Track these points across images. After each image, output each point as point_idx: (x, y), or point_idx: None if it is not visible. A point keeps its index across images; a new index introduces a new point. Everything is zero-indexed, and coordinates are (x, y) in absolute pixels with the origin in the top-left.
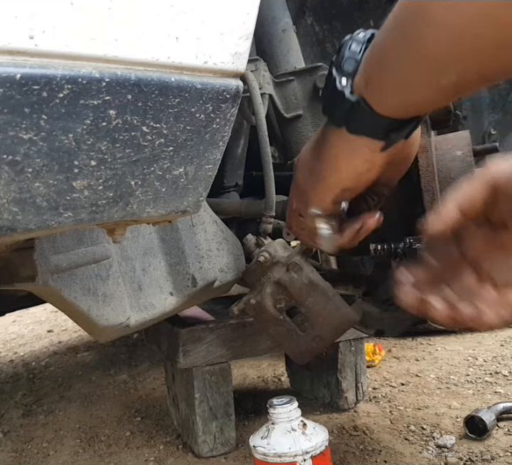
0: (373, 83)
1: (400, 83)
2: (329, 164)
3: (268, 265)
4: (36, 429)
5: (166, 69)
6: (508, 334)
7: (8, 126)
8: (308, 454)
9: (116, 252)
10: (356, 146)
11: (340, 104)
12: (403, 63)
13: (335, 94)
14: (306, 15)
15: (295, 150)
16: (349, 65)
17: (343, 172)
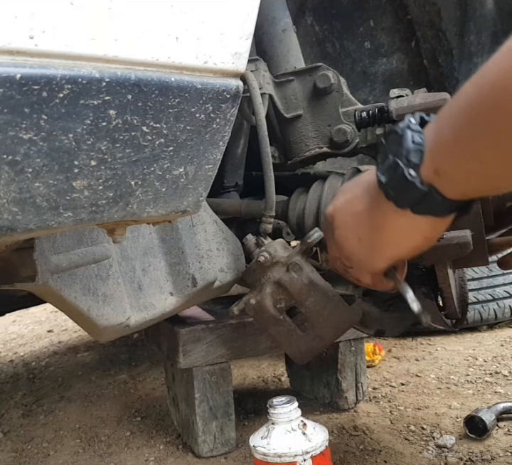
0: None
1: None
2: (387, 239)
3: (268, 265)
4: (36, 429)
5: (166, 69)
6: (508, 334)
7: (8, 126)
8: (308, 454)
9: (116, 252)
10: (419, 225)
11: (410, 192)
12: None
13: (404, 184)
14: (306, 15)
15: (295, 150)
16: (415, 157)
17: (401, 247)
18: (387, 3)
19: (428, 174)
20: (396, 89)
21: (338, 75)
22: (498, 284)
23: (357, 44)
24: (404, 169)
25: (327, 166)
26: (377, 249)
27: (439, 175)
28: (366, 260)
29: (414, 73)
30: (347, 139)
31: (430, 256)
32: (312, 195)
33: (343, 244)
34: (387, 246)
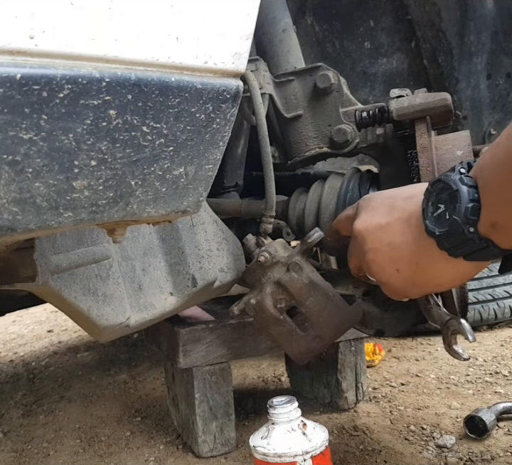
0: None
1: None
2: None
3: (268, 265)
4: (36, 429)
5: (166, 69)
6: (508, 334)
7: (8, 126)
8: (308, 454)
9: (116, 252)
10: (465, 270)
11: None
12: None
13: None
14: (306, 15)
15: (295, 150)
16: (473, 214)
17: (443, 286)
18: (387, 3)
19: (485, 229)
20: (396, 89)
21: (338, 74)
22: (498, 284)
23: (357, 44)
24: (464, 227)
25: (327, 166)
26: (417, 284)
27: (495, 228)
28: (402, 289)
29: (414, 73)
30: (347, 138)
31: None
32: (312, 195)
33: (375, 269)
34: (429, 285)
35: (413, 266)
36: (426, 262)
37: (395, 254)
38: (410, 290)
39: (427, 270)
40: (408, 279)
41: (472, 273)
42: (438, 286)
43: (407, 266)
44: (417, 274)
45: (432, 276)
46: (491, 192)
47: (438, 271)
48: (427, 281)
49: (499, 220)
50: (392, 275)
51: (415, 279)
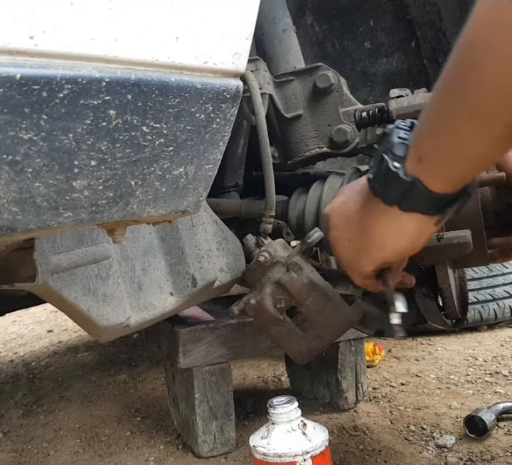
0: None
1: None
2: (374, 241)
3: (268, 265)
4: (36, 429)
5: (166, 69)
6: (508, 334)
7: (8, 126)
8: (308, 454)
9: (116, 252)
10: (407, 224)
11: (395, 185)
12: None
13: (388, 176)
14: (306, 15)
15: (295, 150)
16: (400, 150)
17: (387, 250)
18: (387, 3)
19: (412, 165)
20: (396, 89)
21: (338, 75)
22: (498, 284)
23: (357, 44)
24: (389, 162)
25: (327, 166)
26: (364, 250)
27: (422, 162)
28: (354, 262)
29: (414, 73)
30: (347, 139)
31: (430, 256)
32: (312, 195)
33: (335, 245)
34: (374, 248)
35: (360, 231)
36: (370, 223)
37: (348, 225)
38: (360, 261)
39: (370, 232)
40: (357, 245)
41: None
42: (382, 251)
43: (356, 233)
44: (363, 239)
45: (376, 237)
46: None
47: (380, 231)
48: (372, 244)
49: (426, 153)
50: (345, 247)
51: (362, 245)
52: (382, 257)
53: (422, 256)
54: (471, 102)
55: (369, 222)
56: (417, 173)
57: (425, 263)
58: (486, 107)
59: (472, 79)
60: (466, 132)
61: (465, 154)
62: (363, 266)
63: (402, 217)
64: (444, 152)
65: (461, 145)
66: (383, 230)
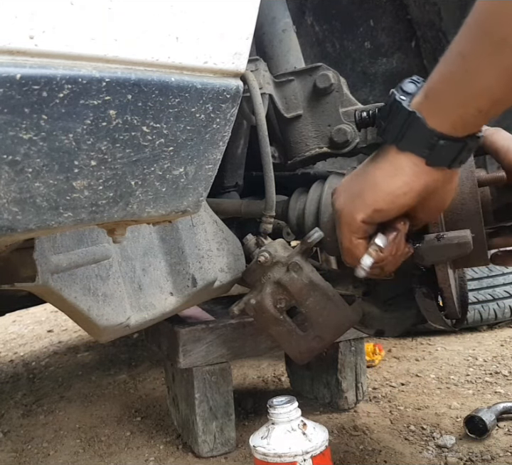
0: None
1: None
2: (369, 182)
3: (268, 265)
4: (36, 429)
5: (166, 69)
6: (508, 334)
7: (8, 126)
8: (308, 454)
9: (116, 252)
10: (400, 165)
11: (396, 116)
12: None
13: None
14: (306, 15)
15: (295, 150)
16: (408, 88)
17: (380, 191)
18: (387, 3)
19: (417, 100)
20: None
21: (338, 75)
22: (498, 284)
23: (357, 44)
24: (396, 94)
25: (327, 166)
26: (357, 194)
27: (428, 97)
28: (347, 209)
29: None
30: (347, 138)
31: (430, 256)
32: (312, 195)
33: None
34: (367, 188)
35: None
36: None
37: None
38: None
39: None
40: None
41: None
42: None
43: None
44: (359, 183)
45: (371, 177)
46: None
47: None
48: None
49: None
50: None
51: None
52: (374, 198)
53: (422, 256)
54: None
55: (368, 168)
56: (420, 107)
57: (425, 263)
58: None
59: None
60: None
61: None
62: (354, 213)
63: (398, 157)
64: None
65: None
66: (379, 171)
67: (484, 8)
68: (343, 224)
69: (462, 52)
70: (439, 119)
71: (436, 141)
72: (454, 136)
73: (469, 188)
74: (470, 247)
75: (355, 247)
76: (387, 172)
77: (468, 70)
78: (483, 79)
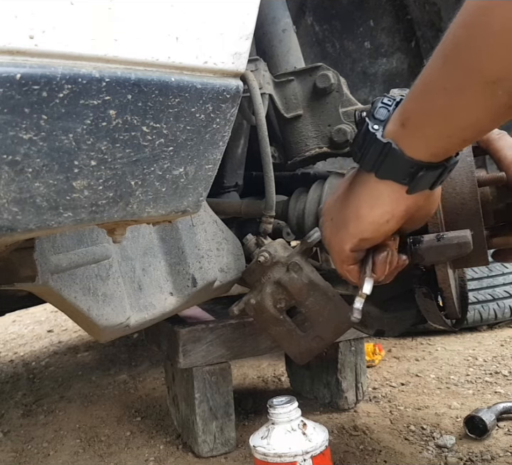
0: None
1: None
2: (351, 213)
3: (268, 265)
4: (36, 429)
5: (166, 69)
6: (508, 334)
7: (8, 126)
8: (308, 454)
9: (116, 252)
10: (381, 193)
11: (371, 147)
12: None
13: (366, 138)
14: (306, 15)
15: (295, 150)
16: (381, 114)
17: (363, 222)
18: (387, 3)
19: (392, 128)
20: (396, 89)
21: (338, 75)
22: (498, 284)
23: (357, 44)
24: (369, 123)
25: (327, 166)
26: (342, 224)
27: (405, 126)
28: (335, 240)
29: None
30: (347, 138)
31: (430, 256)
32: (312, 195)
33: (321, 230)
34: (351, 220)
35: (342, 206)
36: (350, 196)
37: (333, 204)
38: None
39: (349, 203)
40: (337, 221)
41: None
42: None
43: (338, 210)
44: (343, 213)
45: (353, 208)
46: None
47: (357, 202)
48: (349, 217)
49: (412, 116)
50: (327, 226)
51: (341, 219)
52: (359, 229)
53: (422, 256)
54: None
55: (349, 196)
56: (395, 136)
57: (425, 263)
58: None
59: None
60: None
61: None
62: (341, 244)
63: (377, 186)
64: (435, 117)
65: (456, 110)
66: (360, 201)
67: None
68: (334, 253)
69: (447, 88)
70: (419, 149)
71: (416, 170)
72: (434, 163)
73: (469, 188)
74: (470, 247)
75: (349, 273)
76: (368, 202)
77: (455, 106)
78: (471, 114)
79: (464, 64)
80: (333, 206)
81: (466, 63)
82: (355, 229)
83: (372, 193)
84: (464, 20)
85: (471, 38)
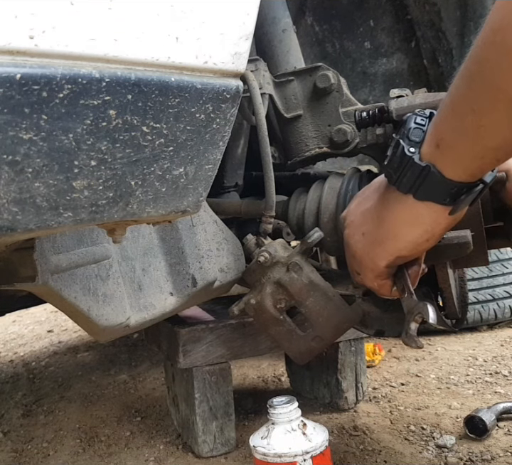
0: (445, 142)
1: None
2: (388, 231)
3: (268, 265)
4: (36, 429)
5: (166, 69)
6: (508, 334)
7: (8, 126)
8: (308, 454)
9: (116, 252)
10: (421, 214)
11: (409, 171)
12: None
13: (403, 161)
14: (306, 15)
15: (295, 150)
16: (416, 136)
17: (401, 241)
18: (387, 3)
19: (428, 150)
20: (396, 89)
21: (338, 75)
22: (498, 284)
23: (357, 44)
24: (405, 147)
25: (327, 166)
26: (378, 242)
27: (440, 147)
28: (368, 256)
29: (414, 73)
30: (347, 139)
31: (430, 256)
32: (312, 195)
33: (348, 241)
34: (387, 238)
35: (375, 222)
36: (384, 213)
37: (363, 219)
38: (374, 254)
39: (385, 222)
40: (371, 238)
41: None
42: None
43: (370, 225)
44: (378, 230)
45: (390, 227)
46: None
47: (394, 220)
48: (386, 234)
49: (445, 138)
50: (359, 241)
51: (376, 236)
52: (396, 248)
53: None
54: (500, 85)
55: (384, 213)
56: (432, 158)
57: (425, 263)
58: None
59: (503, 65)
60: (492, 117)
61: (487, 141)
62: (376, 260)
63: (416, 206)
64: (466, 138)
65: (486, 130)
66: (397, 220)
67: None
68: (366, 268)
69: (474, 109)
70: (456, 170)
71: (457, 191)
72: (473, 182)
73: None
74: (470, 247)
75: (382, 287)
76: (407, 221)
77: (484, 126)
78: (499, 133)
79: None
80: (364, 221)
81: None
82: (392, 247)
83: (412, 213)
84: (482, 39)
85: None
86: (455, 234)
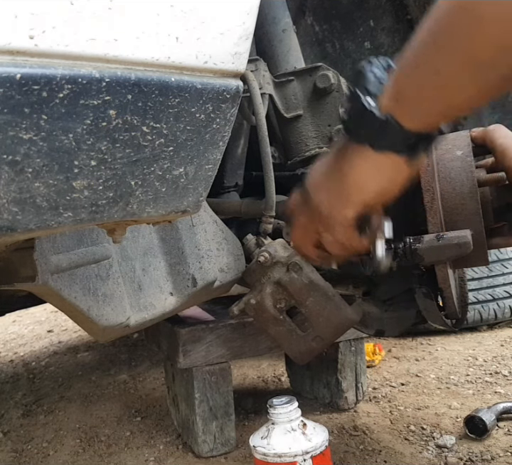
0: (406, 100)
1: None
2: (352, 184)
3: (268, 265)
4: (36, 429)
5: (166, 69)
6: (508, 334)
7: (8, 126)
8: (308, 454)
9: (116, 252)
10: (381, 164)
11: (369, 123)
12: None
13: (363, 113)
14: (306, 15)
15: (295, 150)
16: (375, 88)
17: (366, 192)
18: (387, 3)
19: (387, 103)
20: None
21: (338, 74)
22: (498, 284)
23: (357, 44)
24: (363, 98)
25: None
26: (344, 195)
27: (399, 101)
28: (336, 209)
29: None
30: None
31: (430, 256)
32: None
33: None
34: (352, 190)
35: (338, 177)
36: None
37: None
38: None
39: (348, 176)
40: (335, 192)
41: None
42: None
43: (333, 181)
44: (341, 184)
45: (353, 179)
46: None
47: (357, 173)
48: (349, 188)
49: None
50: (324, 198)
51: (341, 190)
52: (362, 198)
53: (422, 256)
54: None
55: (345, 168)
56: (392, 111)
57: (425, 263)
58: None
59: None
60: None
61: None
62: (344, 212)
63: (376, 158)
64: (428, 95)
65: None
66: (360, 172)
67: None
68: (335, 222)
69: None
70: (416, 122)
71: (414, 141)
72: (430, 133)
73: (469, 188)
74: (470, 247)
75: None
76: (369, 172)
77: (448, 86)
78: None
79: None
80: (326, 179)
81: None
82: (358, 197)
83: (373, 165)
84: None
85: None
86: (455, 234)
